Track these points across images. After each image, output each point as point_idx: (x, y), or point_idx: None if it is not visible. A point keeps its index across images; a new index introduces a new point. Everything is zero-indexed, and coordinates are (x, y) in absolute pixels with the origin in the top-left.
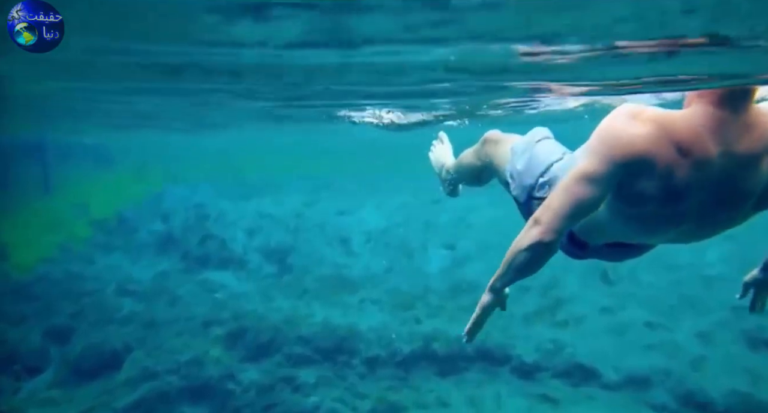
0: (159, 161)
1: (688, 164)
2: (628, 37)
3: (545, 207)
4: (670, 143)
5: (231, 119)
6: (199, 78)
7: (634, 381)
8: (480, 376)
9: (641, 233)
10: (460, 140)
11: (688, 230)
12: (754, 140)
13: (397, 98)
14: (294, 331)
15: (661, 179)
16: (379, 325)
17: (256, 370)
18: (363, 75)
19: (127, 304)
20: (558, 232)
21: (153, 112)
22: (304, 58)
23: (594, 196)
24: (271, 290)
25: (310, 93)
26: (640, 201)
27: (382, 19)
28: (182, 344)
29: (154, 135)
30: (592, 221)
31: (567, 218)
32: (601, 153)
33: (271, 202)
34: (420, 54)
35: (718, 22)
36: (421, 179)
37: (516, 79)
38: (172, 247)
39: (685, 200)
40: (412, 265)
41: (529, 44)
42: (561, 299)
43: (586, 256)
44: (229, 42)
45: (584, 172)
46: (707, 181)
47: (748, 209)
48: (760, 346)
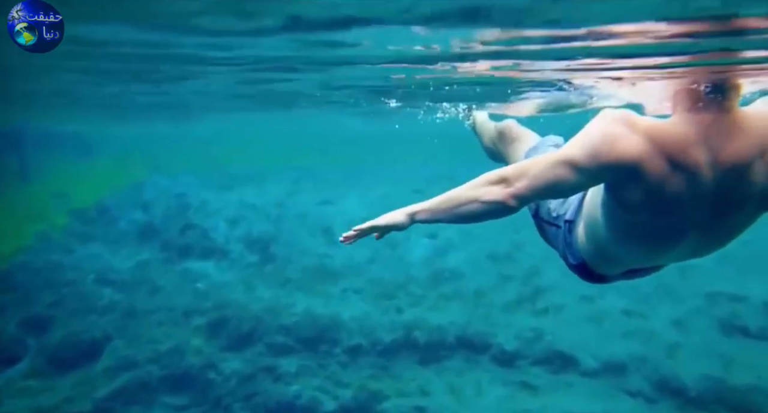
0: (141, 151)
1: (678, 174)
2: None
3: (520, 172)
4: (659, 151)
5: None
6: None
7: (611, 368)
8: (461, 364)
9: (647, 251)
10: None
11: (696, 244)
12: (742, 146)
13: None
14: (276, 320)
15: (652, 186)
16: (360, 314)
17: (237, 359)
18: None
19: (107, 293)
20: (525, 201)
21: (132, 99)
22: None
23: (572, 182)
24: (253, 279)
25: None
26: (634, 207)
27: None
28: (163, 333)
29: (137, 125)
30: (601, 250)
31: (538, 191)
32: (593, 149)
33: (254, 192)
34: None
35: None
36: (402, 169)
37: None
38: (153, 237)
39: (679, 211)
40: (394, 254)
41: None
42: (541, 287)
43: (604, 283)
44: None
45: (571, 158)
46: (700, 191)
47: (751, 213)
48: (733, 332)
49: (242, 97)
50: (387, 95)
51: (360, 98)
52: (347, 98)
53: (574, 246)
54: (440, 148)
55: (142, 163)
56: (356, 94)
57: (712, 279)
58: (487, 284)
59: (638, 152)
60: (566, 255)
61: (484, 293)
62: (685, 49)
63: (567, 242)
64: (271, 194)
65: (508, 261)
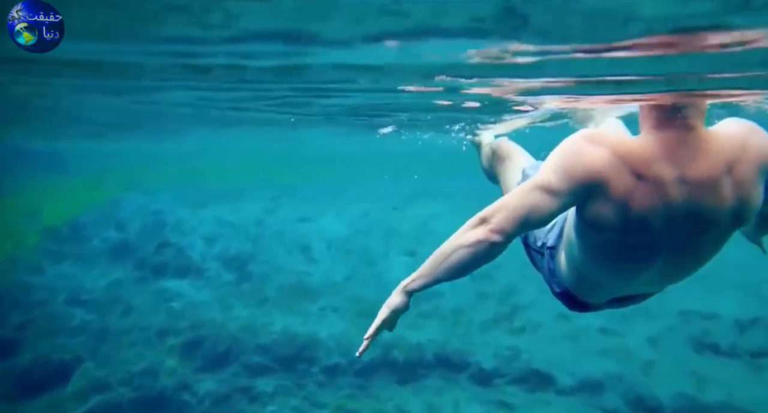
0: (117, 169)
1: (643, 188)
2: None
3: (498, 207)
4: (625, 166)
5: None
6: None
7: (587, 386)
8: (439, 383)
9: (620, 272)
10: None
11: (670, 266)
12: (709, 163)
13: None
14: (252, 340)
15: (620, 202)
16: (339, 333)
17: (212, 380)
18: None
19: (78, 314)
20: (507, 235)
21: (106, 116)
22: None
23: (550, 207)
24: (230, 298)
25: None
26: (604, 226)
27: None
28: (136, 354)
29: (112, 142)
30: (580, 274)
31: (518, 222)
32: (561, 169)
33: (231, 209)
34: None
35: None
36: (381, 187)
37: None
38: (127, 255)
39: (648, 228)
40: (372, 272)
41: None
42: (519, 306)
43: (590, 311)
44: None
45: (543, 183)
46: (667, 207)
47: (722, 232)
48: (705, 350)
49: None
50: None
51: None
52: (338, 125)
53: (557, 273)
54: (419, 165)
55: (118, 180)
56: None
57: (685, 298)
58: (466, 302)
59: (603, 164)
60: (551, 283)
61: (463, 312)
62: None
63: (550, 270)
64: (249, 211)
65: (486, 279)
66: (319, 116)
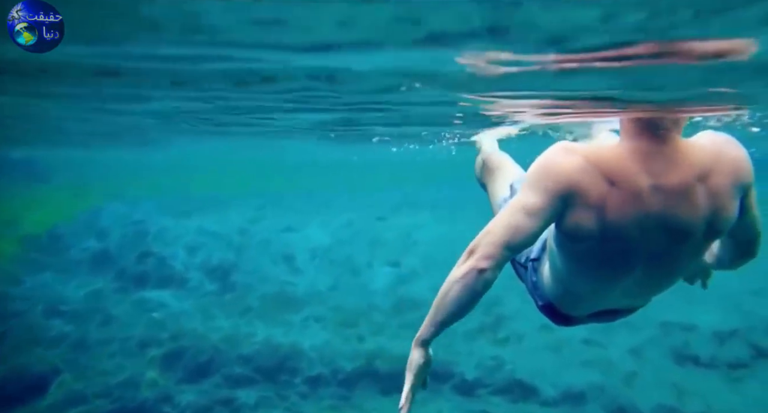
0: (98, 178)
1: (618, 195)
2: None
3: (482, 236)
4: (599, 173)
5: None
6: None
7: (570, 397)
8: (422, 394)
9: (602, 282)
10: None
11: (650, 276)
12: (685, 172)
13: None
14: (235, 350)
15: (595, 209)
16: (322, 343)
17: (193, 392)
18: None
19: (56, 325)
20: (494, 260)
21: (85, 126)
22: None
23: (532, 227)
24: (212, 308)
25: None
26: (582, 235)
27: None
28: (115, 366)
29: (94, 151)
30: (561, 286)
31: (504, 246)
32: (537, 185)
33: (215, 219)
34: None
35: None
36: (366, 196)
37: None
38: (108, 265)
39: (625, 234)
40: (356, 282)
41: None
42: (502, 316)
43: (573, 325)
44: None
45: (522, 203)
46: (643, 215)
47: (699, 243)
48: (685, 361)
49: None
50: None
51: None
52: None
53: (540, 286)
54: (404, 175)
55: (99, 189)
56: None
57: (666, 309)
58: None
59: (577, 172)
60: (534, 296)
61: None
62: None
63: (533, 282)
64: (233, 220)
65: None
66: (301, 128)
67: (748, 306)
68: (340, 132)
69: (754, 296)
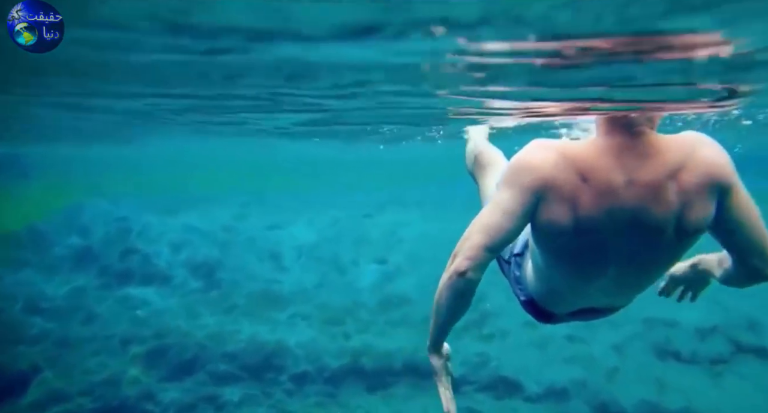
0: (81, 174)
1: (591, 190)
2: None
3: (463, 239)
4: (572, 168)
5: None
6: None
7: (554, 393)
8: (408, 391)
9: (580, 278)
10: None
11: (626, 274)
12: (657, 168)
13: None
14: (219, 348)
15: (568, 205)
16: (307, 340)
17: (177, 389)
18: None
19: (36, 323)
20: (474, 261)
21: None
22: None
23: (509, 225)
24: (197, 306)
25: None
26: (556, 230)
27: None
28: (97, 363)
29: (76, 147)
30: (542, 281)
31: (483, 248)
32: (512, 182)
33: (200, 216)
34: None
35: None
36: (352, 194)
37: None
38: (90, 262)
39: (597, 228)
40: (342, 280)
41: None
42: (488, 313)
43: (555, 322)
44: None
45: (498, 202)
46: (614, 209)
47: (672, 242)
48: (667, 357)
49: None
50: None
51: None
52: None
53: (523, 281)
54: (391, 172)
55: (81, 186)
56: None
57: (649, 305)
58: None
59: (549, 166)
60: (516, 292)
61: None
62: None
63: (516, 278)
64: (218, 218)
65: None
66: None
67: (729, 303)
68: (322, 130)
69: (735, 293)
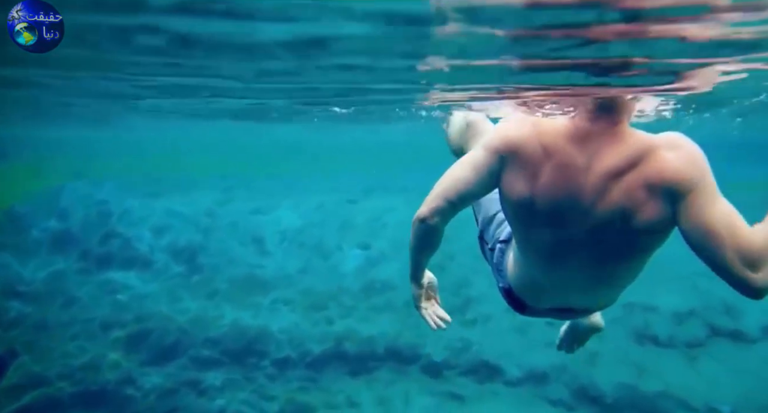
0: (60, 156)
1: (550, 166)
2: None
3: (433, 188)
4: (539, 142)
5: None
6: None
7: (534, 377)
8: (390, 375)
9: (544, 265)
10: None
11: (585, 265)
12: (614, 159)
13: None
14: (201, 333)
15: (529, 174)
16: (290, 326)
17: (158, 374)
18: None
19: (14, 306)
20: (433, 210)
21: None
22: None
23: (472, 179)
24: (179, 290)
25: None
26: (516, 201)
27: None
28: (77, 348)
29: (55, 128)
30: (516, 268)
31: (444, 197)
32: (485, 144)
33: (182, 200)
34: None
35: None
36: (337, 179)
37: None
38: (70, 246)
39: (554, 207)
40: (326, 265)
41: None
42: (471, 298)
43: (530, 315)
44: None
45: (467, 159)
46: (572, 190)
47: (625, 237)
48: (646, 341)
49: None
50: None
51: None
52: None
53: (503, 269)
54: (376, 157)
55: (61, 168)
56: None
57: (628, 290)
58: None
59: (520, 135)
60: (497, 278)
61: None
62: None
63: (497, 263)
64: (201, 202)
65: (439, 271)
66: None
67: (705, 286)
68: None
69: (711, 277)
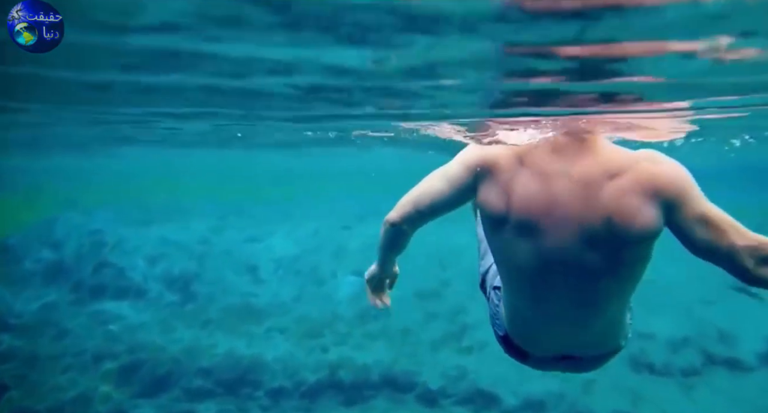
0: (52, 186)
1: (526, 172)
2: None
3: (408, 194)
4: (513, 153)
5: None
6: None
7: (531, 406)
8: (385, 404)
9: (528, 286)
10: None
11: (574, 287)
12: (593, 166)
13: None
14: (194, 363)
15: (505, 187)
16: (285, 354)
17: (150, 406)
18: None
19: (4, 340)
20: (403, 216)
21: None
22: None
23: (442, 190)
24: (172, 320)
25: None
26: (493, 217)
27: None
28: (68, 380)
29: (48, 158)
30: (510, 310)
31: (412, 203)
32: (462, 158)
33: (176, 228)
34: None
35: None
36: (331, 205)
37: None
38: (62, 277)
39: (531, 219)
40: (320, 292)
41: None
42: (467, 325)
43: (533, 365)
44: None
45: (444, 170)
46: (549, 198)
47: (611, 248)
48: (641, 368)
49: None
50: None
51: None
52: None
53: (499, 315)
54: (369, 183)
55: (53, 198)
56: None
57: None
58: (414, 322)
59: (496, 152)
60: (494, 327)
61: (411, 331)
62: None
63: (494, 311)
64: (195, 230)
65: (435, 299)
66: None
67: (699, 314)
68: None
69: (706, 304)
